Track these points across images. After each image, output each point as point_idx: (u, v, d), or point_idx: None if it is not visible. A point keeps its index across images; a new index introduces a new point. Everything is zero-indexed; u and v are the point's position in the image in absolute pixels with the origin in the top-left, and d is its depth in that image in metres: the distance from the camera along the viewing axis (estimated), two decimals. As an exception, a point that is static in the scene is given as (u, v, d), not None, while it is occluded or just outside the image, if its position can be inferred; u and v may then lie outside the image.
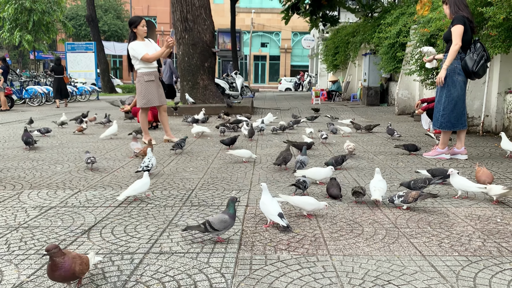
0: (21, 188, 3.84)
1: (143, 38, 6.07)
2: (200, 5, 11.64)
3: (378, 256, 2.40)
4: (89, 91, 18.85)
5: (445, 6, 5.09)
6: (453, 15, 4.92)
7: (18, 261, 2.33)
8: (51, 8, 23.11)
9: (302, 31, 41.80)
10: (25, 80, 16.60)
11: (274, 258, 2.36)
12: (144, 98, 6.11)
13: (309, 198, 3.09)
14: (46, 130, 7.09)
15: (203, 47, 11.81)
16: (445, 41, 5.10)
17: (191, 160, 5.13)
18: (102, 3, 40.32)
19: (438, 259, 2.36)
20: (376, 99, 13.78)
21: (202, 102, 11.72)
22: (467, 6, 4.98)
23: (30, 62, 40.38)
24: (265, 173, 4.44)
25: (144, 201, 3.42)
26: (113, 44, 35.25)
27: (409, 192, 3.21)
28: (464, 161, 5.03)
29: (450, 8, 4.96)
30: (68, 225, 2.88)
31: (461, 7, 4.90)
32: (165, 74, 11.34)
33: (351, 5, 18.32)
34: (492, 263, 2.31)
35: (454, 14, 4.90)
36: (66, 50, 23.72)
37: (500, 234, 2.72)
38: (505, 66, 6.96)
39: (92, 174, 4.36)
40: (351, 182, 4.02)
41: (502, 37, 6.11)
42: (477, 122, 7.26)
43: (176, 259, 2.36)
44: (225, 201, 3.41)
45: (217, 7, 39.57)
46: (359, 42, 14.68)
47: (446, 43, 5.08)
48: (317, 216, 3.06)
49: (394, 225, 2.88)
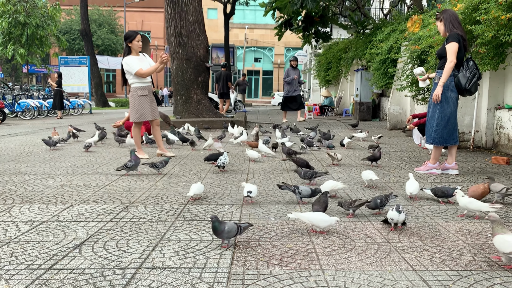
0: (12, 202, 3.81)
1: (138, 53, 6.12)
2: (194, 21, 11.75)
3: (370, 270, 2.41)
4: (82, 105, 18.83)
5: (438, 23, 5.15)
6: (447, 33, 5.00)
7: (8, 276, 2.31)
8: (45, 22, 23.14)
9: (295, 47, 42.25)
10: (18, 94, 16.57)
11: (266, 273, 2.37)
12: (137, 112, 6.12)
13: (322, 214, 3.03)
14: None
15: (197, 62, 11.89)
16: (439, 58, 5.17)
17: (184, 174, 5.13)
18: (96, 18, 40.52)
19: (430, 273, 2.38)
20: (368, 114, 13.89)
21: (196, 116, 11.74)
22: (460, 24, 5.08)
23: (22, 75, 40.31)
24: (258, 187, 4.44)
25: (136, 216, 3.42)
26: (107, 58, 35.38)
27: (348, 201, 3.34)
28: (455, 176, 5.08)
29: (445, 25, 5.03)
30: (60, 240, 2.86)
31: (455, 25, 4.98)
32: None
33: (343, 21, 18.56)
34: (483, 278, 2.33)
35: (449, 32, 4.98)
36: (60, 64, 23.72)
37: (491, 249, 2.74)
38: (494, 83, 7.08)
39: (84, 188, 4.35)
40: (343, 196, 4.04)
41: (491, 54, 6.23)
42: (467, 138, 7.34)
43: (168, 274, 2.35)
44: (218, 216, 3.40)
45: (211, 23, 39.93)
46: (351, 58, 14.86)
47: (440, 60, 5.15)
48: (309, 231, 3.07)
49: (386, 240, 2.89)
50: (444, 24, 5.05)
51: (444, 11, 5.15)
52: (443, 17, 5.06)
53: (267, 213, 3.51)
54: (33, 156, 6.42)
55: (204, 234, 2.99)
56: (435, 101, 5.02)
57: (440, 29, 5.16)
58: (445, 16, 5.05)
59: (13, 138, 9.12)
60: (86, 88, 23.55)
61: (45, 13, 23.06)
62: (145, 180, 4.77)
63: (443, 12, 5.11)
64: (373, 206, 3.44)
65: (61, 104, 15.93)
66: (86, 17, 23.49)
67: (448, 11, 5.11)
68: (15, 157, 6.32)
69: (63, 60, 23.98)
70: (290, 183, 4.61)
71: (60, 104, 15.90)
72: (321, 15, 15.51)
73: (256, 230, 3.07)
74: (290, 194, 4.13)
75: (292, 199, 3.96)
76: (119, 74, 48.60)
